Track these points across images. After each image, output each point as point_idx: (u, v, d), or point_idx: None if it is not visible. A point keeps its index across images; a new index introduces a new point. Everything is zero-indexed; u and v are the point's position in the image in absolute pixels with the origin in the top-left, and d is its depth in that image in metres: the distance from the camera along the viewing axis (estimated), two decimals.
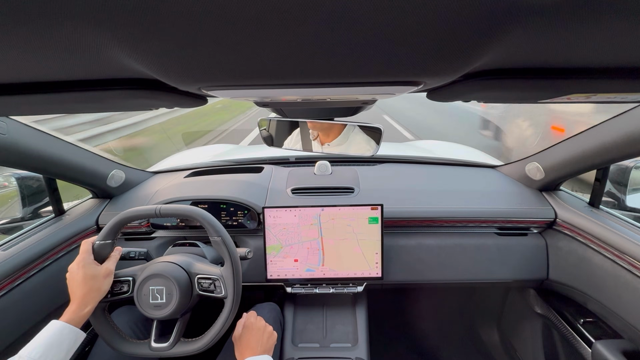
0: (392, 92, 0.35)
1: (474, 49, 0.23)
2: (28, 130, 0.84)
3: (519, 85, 0.33)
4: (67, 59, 0.25)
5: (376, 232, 1.06)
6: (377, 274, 1.08)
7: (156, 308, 0.79)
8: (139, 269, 0.84)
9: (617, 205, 1.08)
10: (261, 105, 0.55)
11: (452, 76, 0.30)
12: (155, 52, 0.23)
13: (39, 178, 1.10)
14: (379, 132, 0.62)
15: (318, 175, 1.29)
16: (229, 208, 1.13)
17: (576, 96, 0.36)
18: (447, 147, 1.94)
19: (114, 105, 0.42)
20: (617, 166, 1.07)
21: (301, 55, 0.24)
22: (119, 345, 0.81)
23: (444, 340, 1.57)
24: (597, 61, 0.28)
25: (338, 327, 1.07)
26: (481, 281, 1.14)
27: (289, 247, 1.08)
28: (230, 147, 2.04)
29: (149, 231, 1.17)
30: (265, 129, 0.72)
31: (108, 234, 0.82)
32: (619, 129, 0.82)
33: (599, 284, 0.94)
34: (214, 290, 0.81)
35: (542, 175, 1.14)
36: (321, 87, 0.32)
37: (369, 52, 0.24)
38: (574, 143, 0.99)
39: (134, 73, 0.29)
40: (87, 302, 0.73)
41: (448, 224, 1.14)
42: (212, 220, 0.83)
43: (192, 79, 0.29)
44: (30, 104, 0.39)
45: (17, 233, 0.98)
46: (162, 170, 1.44)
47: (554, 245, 1.11)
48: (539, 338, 1.22)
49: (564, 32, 0.22)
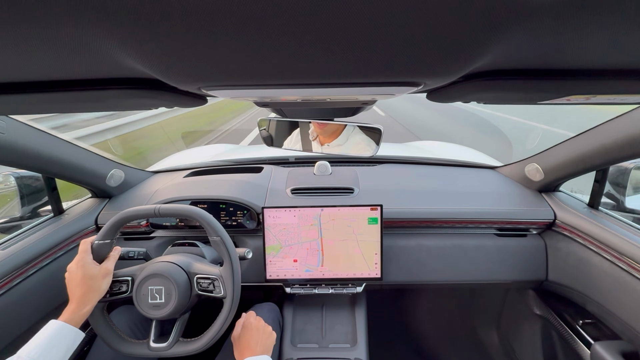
0: (392, 93, 0.35)
1: (473, 50, 0.23)
2: (27, 129, 0.84)
3: (519, 86, 0.33)
4: (67, 58, 0.25)
5: (375, 232, 1.06)
6: (377, 275, 1.08)
7: (155, 308, 0.79)
8: (138, 268, 0.84)
9: (616, 207, 1.08)
10: (261, 105, 0.55)
11: (452, 77, 0.30)
12: (156, 52, 0.23)
13: (38, 177, 1.09)
14: (378, 132, 0.62)
15: (318, 176, 1.29)
16: (228, 208, 1.13)
17: (576, 97, 0.36)
18: (446, 148, 1.94)
19: (114, 105, 0.42)
20: (617, 167, 1.07)
21: (301, 55, 0.24)
22: (118, 345, 0.80)
23: (443, 341, 1.56)
24: (597, 63, 0.28)
25: (337, 327, 1.07)
26: (480, 282, 1.14)
27: (288, 247, 1.08)
28: (230, 147, 2.04)
29: (148, 231, 1.16)
30: (265, 129, 0.72)
31: (107, 233, 0.81)
32: (619, 130, 0.82)
33: (598, 286, 0.94)
34: (213, 290, 0.81)
35: (541, 176, 1.14)
36: (321, 87, 0.32)
37: (369, 53, 0.24)
38: (573, 144, 0.99)
39: (134, 72, 0.29)
40: (86, 302, 0.73)
41: (447, 224, 1.14)
42: (212, 220, 0.83)
43: (192, 78, 0.29)
44: (29, 103, 0.39)
45: (16, 232, 0.98)
46: (161, 169, 1.44)
47: (553, 247, 1.11)
48: (538, 339, 1.22)
49: (563, 34, 0.22)
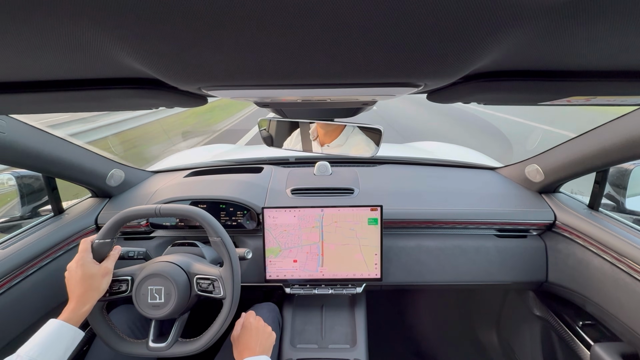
0: (392, 94, 0.35)
1: (474, 51, 0.24)
2: (27, 128, 0.84)
3: (519, 87, 0.33)
4: (68, 58, 0.25)
5: (375, 233, 1.06)
6: (377, 275, 1.08)
7: (154, 308, 0.78)
8: (138, 268, 0.84)
9: (616, 208, 1.08)
10: (261, 106, 0.55)
11: (452, 78, 0.30)
12: (156, 52, 0.23)
13: (38, 177, 1.09)
14: (378, 133, 0.62)
15: (318, 176, 1.29)
16: (228, 208, 1.13)
17: (576, 98, 0.36)
18: (447, 149, 1.94)
19: (114, 104, 0.42)
20: (617, 169, 1.07)
21: (302, 56, 0.24)
22: (117, 344, 0.80)
23: (442, 342, 1.56)
24: (597, 64, 0.28)
25: (337, 328, 1.07)
26: (480, 283, 1.13)
27: (287, 250, 1.08)
28: (230, 147, 2.04)
29: (148, 231, 1.16)
30: (265, 129, 0.72)
31: (107, 233, 0.81)
32: (619, 131, 0.82)
33: (598, 287, 0.94)
34: (213, 290, 0.81)
35: (541, 177, 1.14)
36: (321, 88, 0.32)
37: (370, 54, 0.24)
38: (573, 145, 0.99)
39: (135, 72, 0.29)
40: (86, 301, 0.73)
41: (448, 225, 1.14)
42: (212, 221, 0.83)
43: (193, 78, 0.29)
44: (30, 103, 0.39)
45: (16, 232, 0.98)
46: (161, 169, 1.44)
47: (553, 248, 1.11)
48: (538, 340, 1.22)
49: (564, 35, 0.22)
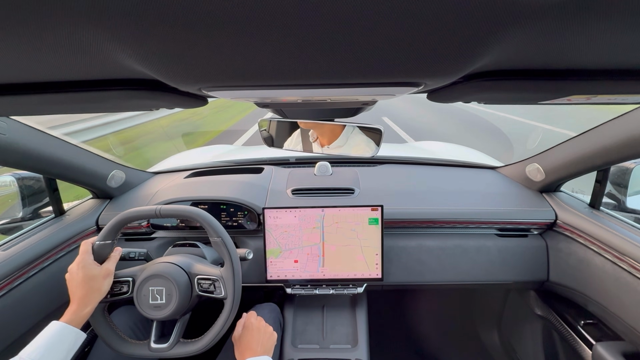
0: (393, 94, 0.35)
1: (474, 50, 0.23)
2: (28, 130, 0.84)
3: (520, 86, 0.33)
4: (68, 60, 0.25)
5: (376, 233, 1.06)
6: (377, 275, 1.08)
7: (156, 309, 0.79)
8: (139, 269, 0.84)
9: (617, 207, 1.08)
10: (261, 106, 0.55)
11: (453, 77, 0.30)
12: (156, 53, 0.23)
13: (39, 178, 1.10)
14: (379, 133, 0.62)
15: (318, 176, 1.29)
16: (229, 209, 1.13)
17: (576, 97, 0.36)
18: (447, 148, 1.93)
19: (114, 106, 0.42)
20: (618, 167, 1.06)
21: (302, 56, 0.24)
22: (119, 345, 0.80)
23: (444, 342, 1.56)
24: (598, 63, 0.28)
25: (338, 328, 1.07)
26: (481, 282, 1.13)
27: (288, 251, 1.08)
28: (231, 148, 2.05)
29: (149, 232, 1.17)
30: (266, 130, 0.72)
31: (108, 234, 0.82)
32: (620, 130, 0.82)
33: (600, 286, 0.94)
34: (214, 291, 0.81)
35: (542, 176, 1.14)
36: (321, 88, 0.32)
37: (370, 54, 0.24)
38: (574, 144, 0.99)
39: (135, 73, 0.29)
40: (87, 303, 0.73)
41: (448, 225, 1.14)
42: (212, 221, 0.83)
43: (193, 79, 0.29)
44: (30, 104, 0.39)
45: (17, 233, 0.98)
46: (162, 170, 1.45)
47: (554, 247, 1.10)
48: (539, 340, 1.22)
49: (564, 34, 0.22)
